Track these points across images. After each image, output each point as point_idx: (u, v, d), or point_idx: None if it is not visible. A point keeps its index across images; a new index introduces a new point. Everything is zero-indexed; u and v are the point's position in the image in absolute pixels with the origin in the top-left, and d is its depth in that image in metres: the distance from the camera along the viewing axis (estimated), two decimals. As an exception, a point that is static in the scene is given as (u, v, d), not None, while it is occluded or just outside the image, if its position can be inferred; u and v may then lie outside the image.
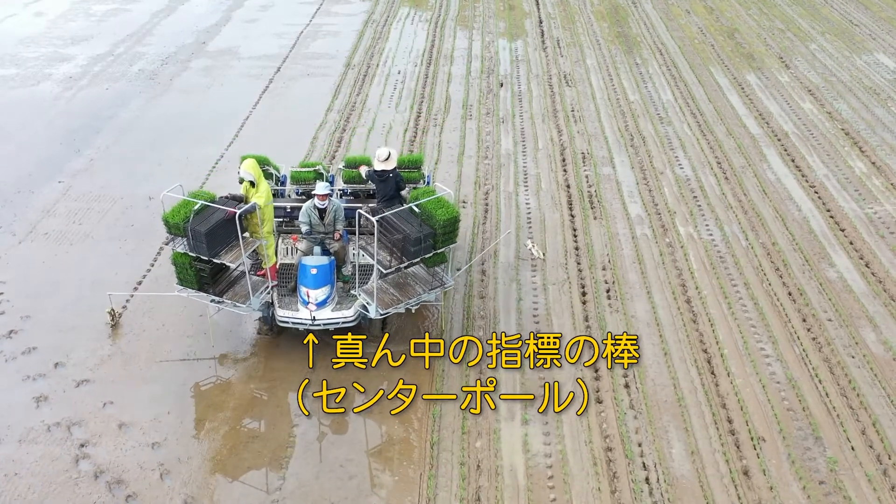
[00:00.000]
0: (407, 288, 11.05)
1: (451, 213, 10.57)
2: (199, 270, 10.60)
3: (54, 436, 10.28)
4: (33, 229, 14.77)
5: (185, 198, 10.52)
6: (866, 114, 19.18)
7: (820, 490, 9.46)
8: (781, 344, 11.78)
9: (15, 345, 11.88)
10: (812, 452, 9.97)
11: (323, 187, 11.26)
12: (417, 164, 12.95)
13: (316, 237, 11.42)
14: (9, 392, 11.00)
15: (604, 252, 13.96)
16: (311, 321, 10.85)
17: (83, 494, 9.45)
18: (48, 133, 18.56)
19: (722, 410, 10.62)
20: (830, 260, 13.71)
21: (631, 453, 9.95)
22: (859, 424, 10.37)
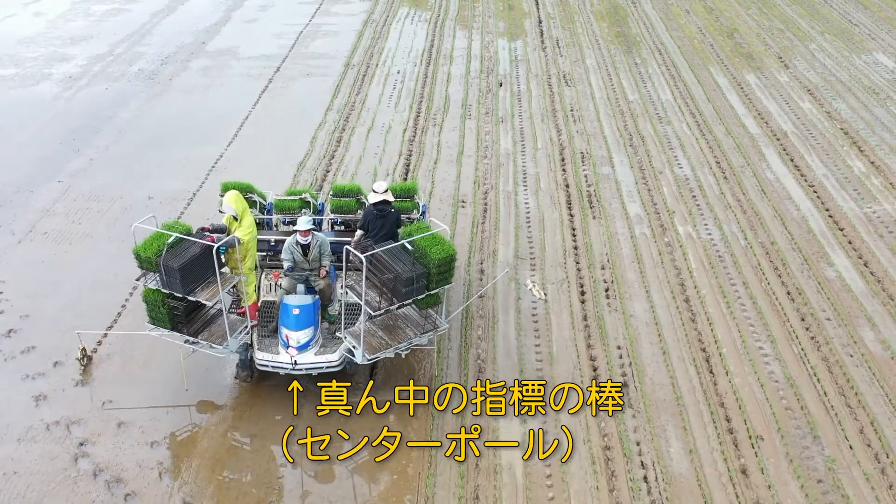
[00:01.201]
0: (397, 331, 10.14)
1: (447, 251, 9.73)
2: (172, 308, 9.81)
3: (53, 434, 10.29)
4: (33, 229, 14.78)
5: (157, 230, 9.84)
6: (865, 113, 19.19)
7: (818, 489, 9.46)
8: (780, 343, 11.79)
9: (14, 344, 11.90)
10: (810, 451, 9.98)
11: (305, 222, 10.31)
12: (411, 193, 11.99)
13: (300, 275, 10.52)
14: (8, 391, 11.01)
15: (603, 251, 13.97)
16: (292, 366, 10.04)
17: (82, 493, 9.46)
18: (47, 133, 18.58)
19: (720, 409, 10.63)
20: (829, 259, 13.72)
21: (629, 452, 9.96)
22: (857, 423, 10.38)
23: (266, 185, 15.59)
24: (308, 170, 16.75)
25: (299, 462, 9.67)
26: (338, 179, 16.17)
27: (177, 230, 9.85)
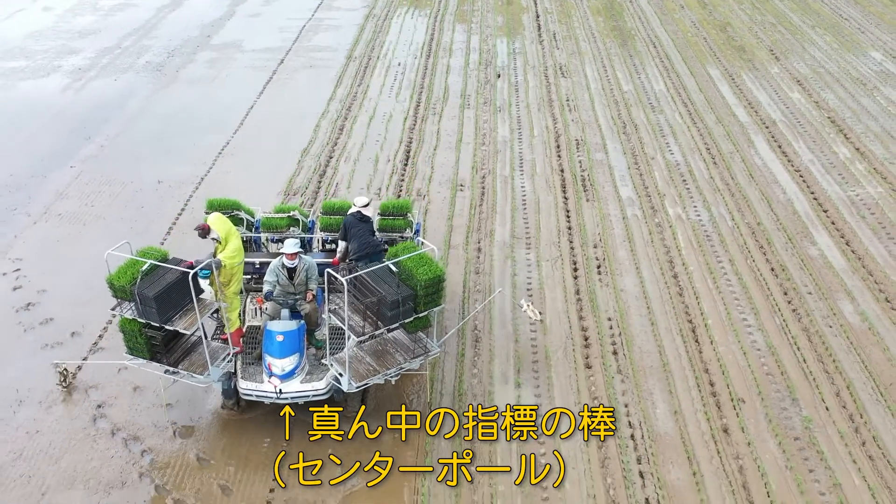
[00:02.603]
0: (386, 356, 9.69)
1: (435, 272, 9.27)
2: (150, 338, 9.38)
3: (72, 398, 10.86)
4: (47, 211, 15.37)
5: (131, 257, 9.43)
6: (852, 103, 19.76)
7: (795, 445, 10.03)
8: (763, 315, 12.36)
9: (33, 316, 12.48)
10: (788, 412, 10.55)
11: (292, 245, 9.91)
12: (404, 210, 11.51)
13: (285, 299, 10.04)
14: (29, 358, 11.59)
15: (595, 231, 14.55)
16: (277, 395, 9.56)
17: (101, 449, 10.03)
18: (58, 121, 19.17)
19: (704, 375, 11.20)
20: (812, 238, 14.29)
21: (618, 413, 10.52)
22: (834, 387, 10.94)
23: (272, 171, 16.29)
24: (312, 156, 17.33)
25: (291, 487, 9.45)
26: (339, 171, 16.72)
27: (152, 256, 9.43)
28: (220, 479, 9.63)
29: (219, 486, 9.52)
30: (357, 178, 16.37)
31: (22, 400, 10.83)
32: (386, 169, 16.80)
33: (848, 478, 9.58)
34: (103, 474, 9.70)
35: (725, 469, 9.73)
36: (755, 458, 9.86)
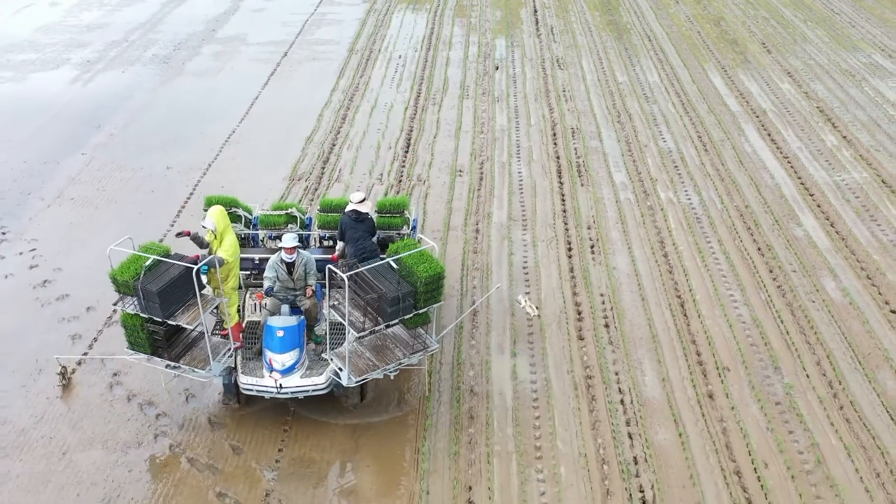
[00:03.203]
0: (385, 351, 9.81)
1: (435, 269, 9.37)
2: (151, 333, 9.44)
3: (90, 367, 11.41)
4: (60, 195, 15.91)
5: (134, 252, 9.45)
6: (841, 93, 20.32)
7: (776, 409, 10.58)
8: (749, 291, 12.91)
9: (49, 292, 13.03)
10: (771, 380, 11.10)
11: (290, 239, 9.98)
12: (401, 208, 11.57)
13: (284, 294, 10.15)
14: (47, 332, 12.14)
15: (589, 214, 15.09)
16: (277, 389, 9.69)
17: (118, 413, 10.58)
18: (69, 111, 19.71)
19: (692, 346, 11.74)
20: (798, 220, 14.84)
21: (608, 380, 11.08)
22: (815, 357, 11.49)
23: (277, 157, 16.84)
24: (315, 144, 17.88)
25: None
26: (342, 158, 17.27)
27: (154, 252, 9.44)
28: (231, 439, 10.17)
29: (230, 446, 10.07)
30: (359, 164, 16.92)
31: (41, 369, 11.36)
32: (387, 156, 17.34)
33: (825, 438, 10.12)
34: (120, 436, 10.24)
35: (710, 431, 10.27)
36: (738, 421, 10.39)
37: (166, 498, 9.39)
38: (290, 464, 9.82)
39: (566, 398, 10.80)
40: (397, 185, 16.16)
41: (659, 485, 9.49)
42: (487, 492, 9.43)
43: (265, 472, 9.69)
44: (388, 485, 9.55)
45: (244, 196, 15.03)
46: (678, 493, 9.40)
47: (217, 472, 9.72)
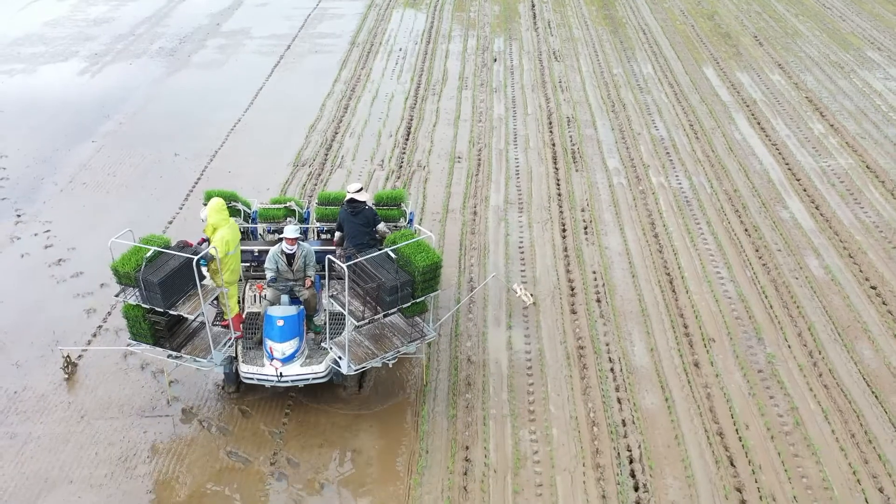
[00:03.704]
0: (384, 340, 10.00)
1: (432, 258, 9.55)
2: (153, 323, 9.55)
3: (104, 338, 11.97)
4: (72, 180, 16.47)
5: (135, 244, 9.58)
6: (830, 84, 20.87)
7: (758, 377, 11.13)
8: (735, 269, 13.46)
9: (64, 270, 13.59)
10: (754, 350, 11.65)
11: (292, 230, 10.13)
12: (398, 200, 11.70)
13: (284, 285, 10.33)
14: (63, 306, 12.69)
15: (583, 197, 15.65)
16: (278, 378, 9.87)
17: (132, 380, 11.14)
18: (78, 101, 20.27)
19: (679, 319, 12.29)
20: (785, 203, 15.39)
21: (599, 350, 11.63)
22: (797, 329, 12.04)
23: (282, 145, 17.39)
24: (318, 132, 18.44)
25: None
26: (344, 145, 17.82)
27: (155, 244, 9.57)
28: (241, 404, 10.72)
29: (240, 411, 10.62)
30: (361, 151, 17.48)
31: (58, 340, 11.91)
32: (388, 143, 17.90)
33: (804, 403, 10.67)
34: (135, 401, 10.80)
35: (695, 396, 10.82)
36: (722, 387, 10.95)
37: (180, 456, 9.94)
38: (296, 426, 10.36)
39: (559, 367, 11.34)
40: (398, 170, 16.71)
41: (645, 444, 10.04)
42: (483, 451, 9.98)
43: (273, 434, 10.23)
44: (390, 445, 10.10)
45: (250, 180, 15.76)
46: (664, 452, 9.95)
47: (227, 433, 10.27)
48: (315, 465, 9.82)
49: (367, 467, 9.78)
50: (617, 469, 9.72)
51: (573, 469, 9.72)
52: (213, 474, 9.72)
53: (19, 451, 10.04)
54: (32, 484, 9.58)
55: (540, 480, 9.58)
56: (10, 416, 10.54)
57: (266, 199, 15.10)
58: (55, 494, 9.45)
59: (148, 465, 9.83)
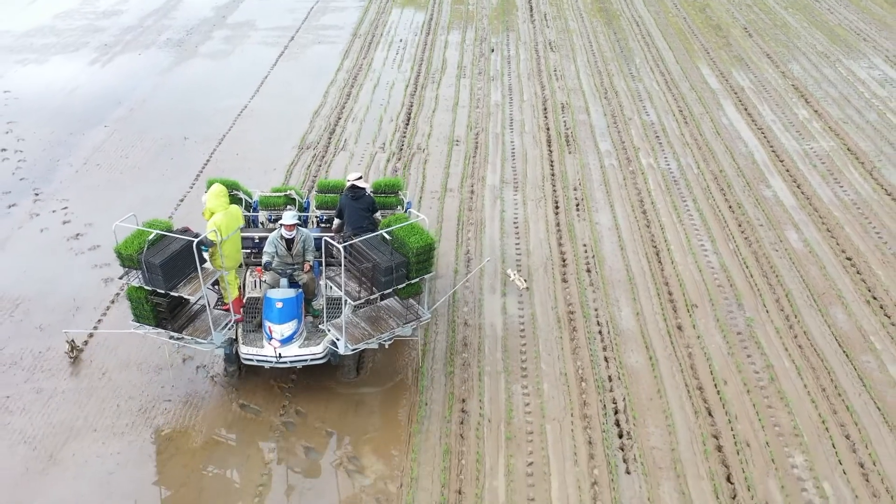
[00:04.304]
0: (380, 322, 10.31)
1: (426, 240, 9.82)
2: (155, 305, 9.87)
3: (122, 306, 12.68)
4: (87, 161, 17.21)
5: (139, 228, 9.89)
6: (815, 73, 21.61)
7: (737, 338, 11.86)
8: (719, 242, 14.19)
9: (82, 243, 14.33)
10: (734, 314, 12.38)
11: (290, 217, 10.45)
12: (395, 188, 12.06)
13: (283, 269, 10.66)
14: (82, 276, 13.42)
15: (576, 177, 16.38)
16: (277, 358, 10.16)
17: (149, 345, 11.83)
18: (90, 88, 21.02)
19: (664, 287, 13.02)
20: (768, 182, 16.12)
21: (588, 315, 12.36)
22: (775, 295, 12.76)
23: (287, 129, 18.13)
24: (322, 117, 19.19)
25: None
26: (347, 129, 18.56)
27: (157, 228, 9.90)
28: (251, 362, 11.44)
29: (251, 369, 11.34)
30: (363, 135, 18.23)
31: (79, 307, 12.65)
32: (389, 127, 18.64)
33: (780, 361, 11.40)
34: (153, 360, 11.52)
35: (677, 355, 11.55)
36: (703, 348, 11.67)
37: (195, 408, 10.67)
38: (303, 382, 11.08)
39: (550, 329, 12.08)
40: (399, 153, 17.45)
41: (630, 398, 10.77)
42: (478, 403, 10.71)
43: (282, 389, 10.95)
44: (391, 398, 10.82)
45: (257, 162, 16.57)
46: (647, 404, 10.68)
47: (240, 388, 11.00)
48: (322, 415, 10.54)
49: (370, 416, 10.50)
50: (603, 419, 10.44)
51: (562, 419, 10.45)
52: (226, 424, 10.45)
53: (46, 403, 10.77)
54: (59, 432, 10.30)
55: (531, 428, 10.30)
56: (37, 374, 11.27)
57: (273, 179, 15.98)
58: (80, 441, 10.17)
59: (166, 416, 10.55)
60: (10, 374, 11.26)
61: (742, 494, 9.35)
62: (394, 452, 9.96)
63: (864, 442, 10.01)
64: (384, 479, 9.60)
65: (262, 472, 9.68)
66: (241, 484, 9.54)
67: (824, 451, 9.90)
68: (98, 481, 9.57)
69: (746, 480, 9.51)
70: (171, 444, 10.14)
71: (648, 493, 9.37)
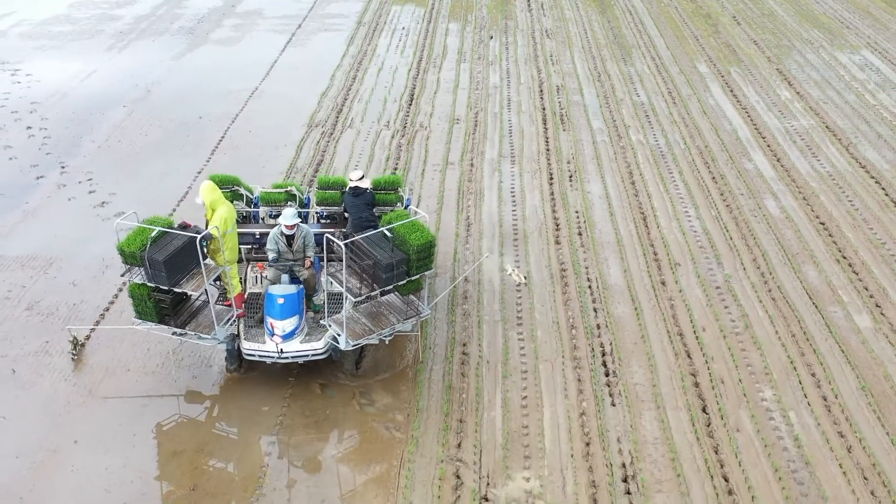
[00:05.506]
0: (380, 318, 10.42)
1: (426, 237, 9.94)
2: (158, 301, 9.95)
3: (148, 264, 13.70)
4: (108, 138, 18.23)
5: (140, 225, 9.97)
6: (799, 58, 22.67)
7: (716, 292, 12.89)
8: (702, 209, 15.23)
9: (108, 210, 15.34)
10: (714, 272, 13.42)
11: (290, 215, 10.46)
12: (395, 185, 12.09)
13: (284, 265, 10.74)
14: (109, 240, 14.37)
15: (569, 152, 17.42)
16: (278, 354, 10.25)
17: (175, 295, 12.87)
18: (107, 72, 22.04)
19: (650, 248, 14.06)
20: (749, 157, 17.17)
21: (579, 271, 13.39)
22: (752, 255, 13.80)
23: (296, 109, 19.16)
24: (330, 98, 20.23)
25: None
26: (353, 109, 19.58)
27: (159, 224, 9.98)
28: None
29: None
30: (369, 114, 19.26)
31: (108, 266, 13.67)
32: (393, 107, 19.68)
33: (754, 311, 12.44)
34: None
35: (660, 306, 12.59)
36: (684, 300, 12.71)
37: (220, 352, 11.70)
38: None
39: (543, 284, 13.12)
40: (402, 130, 18.48)
41: (616, 342, 11.80)
42: (478, 347, 11.75)
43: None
44: (399, 343, 11.80)
45: (269, 139, 17.71)
46: (631, 348, 11.71)
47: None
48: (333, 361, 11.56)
49: (377, 352, 11.49)
50: (591, 360, 11.47)
51: (554, 360, 11.49)
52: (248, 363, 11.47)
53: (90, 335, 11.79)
54: (95, 371, 11.32)
55: (525, 368, 11.34)
56: (73, 322, 12.28)
57: (285, 154, 17.01)
58: (115, 379, 11.19)
59: (193, 357, 11.56)
60: (48, 323, 12.28)
61: (716, 423, 10.38)
62: (402, 388, 10.99)
63: (828, 379, 11.05)
64: (393, 410, 10.63)
65: (282, 405, 10.67)
66: (263, 415, 10.53)
67: (791, 387, 10.93)
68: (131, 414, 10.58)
69: (720, 411, 10.54)
70: (198, 380, 11.14)
71: (631, 422, 10.40)
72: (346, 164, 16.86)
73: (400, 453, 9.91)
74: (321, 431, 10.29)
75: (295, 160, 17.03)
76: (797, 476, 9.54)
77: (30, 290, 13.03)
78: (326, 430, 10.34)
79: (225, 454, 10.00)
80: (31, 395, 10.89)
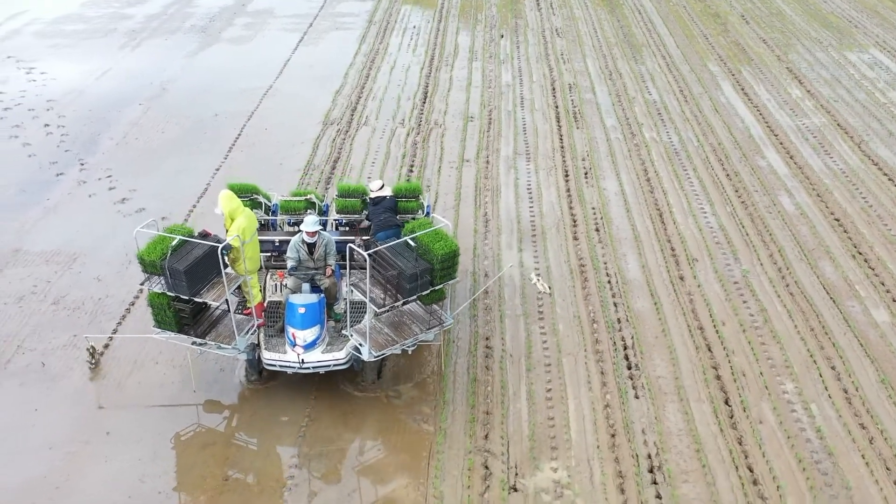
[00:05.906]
0: (403, 327, 10.25)
1: (450, 246, 9.76)
2: (178, 311, 9.79)
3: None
4: (126, 135, 18.38)
5: (160, 234, 9.87)
6: (809, 56, 22.82)
7: (734, 287, 13.04)
8: (717, 206, 15.37)
9: (128, 207, 15.48)
10: (731, 267, 13.56)
11: (311, 223, 10.29)
12: (415, 192, 12.01)
13: (305, 273, 10.54)
14: (131, 236, 14.48)
15: (584, 149, 17.57)
16: (300, 364, 10.08)
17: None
18: (122, 69, 22.20)
19: (667, 244, 14.20)
20: (763, 154, 17.31)
21: (598, 267, 13.54)
22: (768, 251, 13.95)
23: (311, 107, 19.29)
24: (344, 96, 20.37)
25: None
26: (367, 107, 19.72)
27: (179, 233, 9.86)
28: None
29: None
30: (384, 112, 19.41)
31: (131, 261, 13.75)
32: (407, 105, 19.83)
33: (772, 305, 12.58)
34: (203, 305, 12.65)
35: (679, 301, 12.73)
36: (703, 295, 12.85)
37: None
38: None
39: (563, 279, 13.26)
40: (417, 128, 18.62)
41: (637, 336, 11.95)
42: (501, 340, 11.89)
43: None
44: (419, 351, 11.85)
45: (285, 136, 17.91)
46: (652, 342, 11.86)
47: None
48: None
49: (398, 361, 11.52)
50: (613, 354, 11.61)
51: (576, 353, 11.63)
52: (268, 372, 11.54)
53: (109, 343, 11.94)
54: (124, 365, 11.46)
55: (549, 361, 11.48)
56: (99, 317, 12.44)
57: (301, 151, 17.16)
58: (144, 371, 11.34)
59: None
60: (75, 317, 12.42)
61: (738, 415, 10.52)
62: (428, 380, 11.13)
63: (848, 372, 11.19)
64: (420, 403, 10.76)
65: (310, 400, 10.80)
66: (289, 417, 10.57)
67: (812, 380, 11.08)
68: (160, 407, 10.76)
69: (742, 403, 10.69)
70: (223, 374, 11.27)
71: (655, 413, 10.55)
72: (362, 162, 17.00)
73: (429, 444, 10.05)
74: (348, 424, 10.43)
75: (312, 157, 17.17)
76: (821, 467, 9.68)
77: (55, 284, 13.17)
78: (354, 422, 10.47)
79: (254, 447, 10.14)
80: (61, 388, 11.04)
